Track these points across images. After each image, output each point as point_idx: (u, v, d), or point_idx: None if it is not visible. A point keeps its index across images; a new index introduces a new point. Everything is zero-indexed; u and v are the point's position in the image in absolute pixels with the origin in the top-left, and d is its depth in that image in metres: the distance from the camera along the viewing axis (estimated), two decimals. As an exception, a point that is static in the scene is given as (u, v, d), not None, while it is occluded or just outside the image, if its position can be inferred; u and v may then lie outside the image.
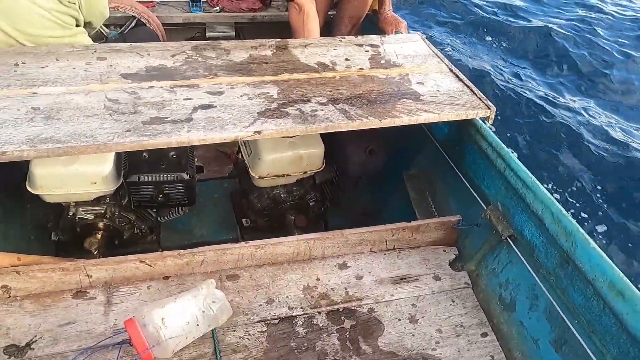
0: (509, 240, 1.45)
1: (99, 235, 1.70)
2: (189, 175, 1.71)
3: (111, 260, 1.37)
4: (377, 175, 2.05)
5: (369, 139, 1.91)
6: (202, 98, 1.44)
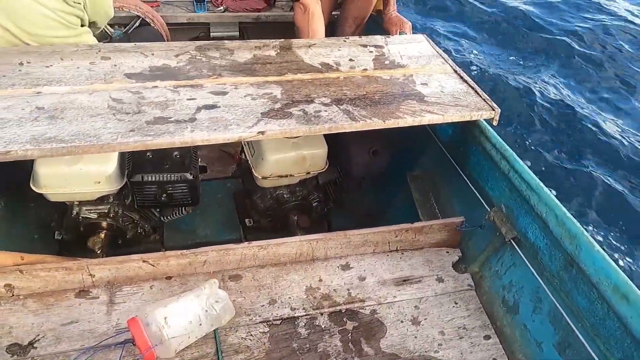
0: (513, 243, 1.44)
1: (103, 235, 1.71)
2: (193, 175, 1.71)
3: (114, 259, 1.37)
4: (380, 176, 2.05)
5: (373, 140, 1.90)
6: (206, 98, 1.44)
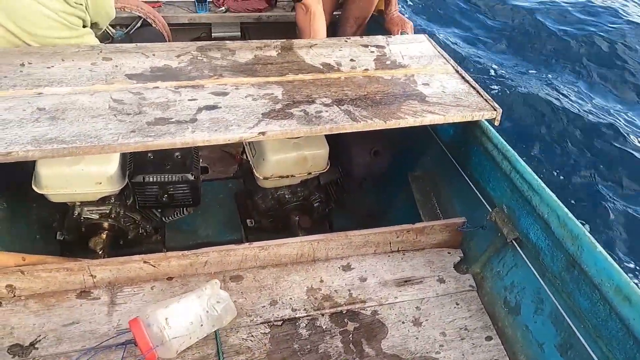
0: (515, 243, 1.44)
1: (104, 235, 1.71)
2: (194, 176, 1.71)
3: (115, 260, 1.38)
4: (381, 177, 2.04)
5: (374, 140, 1.90)
6: (207, 99, 1.44)
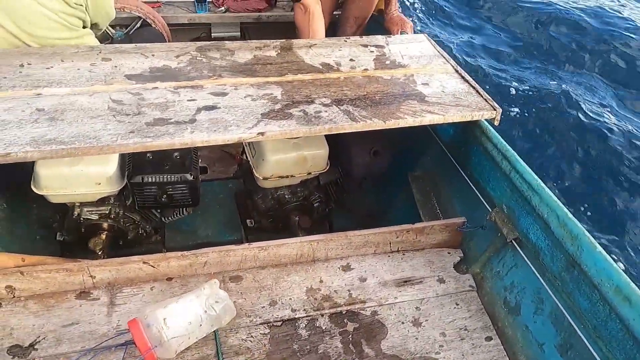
0: (514, 243, 1.44)
1: (104, 236, 1.71)
2: (193, 176, 1.71)
3: (114, 261, 1.37)
4: (381, 177, 2.04)
5: (374, 140, 1.90)
6: (206, 99, 1.44)
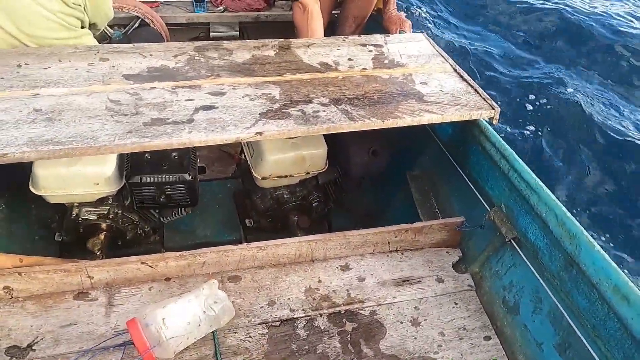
0: (513, 243, 1.44)
1: (102, 236, 1.71)
2: (191, 176, 1.70)
3: (112, 261, 1.37)
4: (380, 176, 2.04)
5: (372, 140, 1.90)
6: (204, 99, 1.44)
